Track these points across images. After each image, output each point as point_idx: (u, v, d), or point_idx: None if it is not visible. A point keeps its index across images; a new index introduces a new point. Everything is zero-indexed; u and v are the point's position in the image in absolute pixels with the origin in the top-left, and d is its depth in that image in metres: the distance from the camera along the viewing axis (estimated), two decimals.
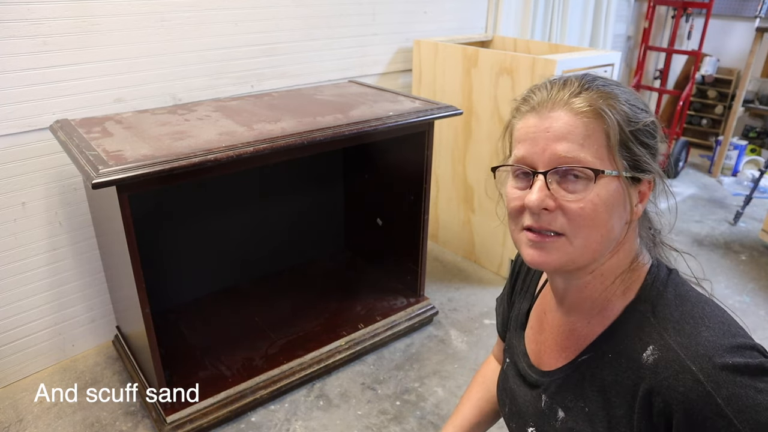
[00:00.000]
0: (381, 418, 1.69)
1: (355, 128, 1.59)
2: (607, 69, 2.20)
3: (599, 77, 0.69)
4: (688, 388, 0.61)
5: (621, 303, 0.71)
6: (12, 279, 1.72)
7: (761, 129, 3.92)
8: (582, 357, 0.74)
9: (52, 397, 1.75)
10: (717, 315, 0.66)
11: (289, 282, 2.23)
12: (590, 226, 0.65)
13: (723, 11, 3.88)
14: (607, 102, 0.65)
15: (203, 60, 1.91)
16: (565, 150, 0.64)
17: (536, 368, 0.82)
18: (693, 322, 0.65)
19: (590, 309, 0.74)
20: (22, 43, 1.53)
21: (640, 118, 0.67)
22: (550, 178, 0.65)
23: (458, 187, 2.51)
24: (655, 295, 0.69)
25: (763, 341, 0.66)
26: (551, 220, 0.66)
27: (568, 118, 0.65)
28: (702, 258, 2.64)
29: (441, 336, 2.07)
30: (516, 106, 0.72)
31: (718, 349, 0.61)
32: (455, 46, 2.31)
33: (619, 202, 0.66)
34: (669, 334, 0.65)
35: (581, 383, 0.73)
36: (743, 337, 0.64)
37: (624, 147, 0.65)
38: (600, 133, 0.65)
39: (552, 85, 0.69)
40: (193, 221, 1.99)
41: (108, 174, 1.21)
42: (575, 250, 0.67)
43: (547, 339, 0.82)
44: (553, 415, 0.77)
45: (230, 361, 1.77)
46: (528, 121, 0.68)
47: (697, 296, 0.69)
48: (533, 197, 0.65)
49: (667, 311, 0.67)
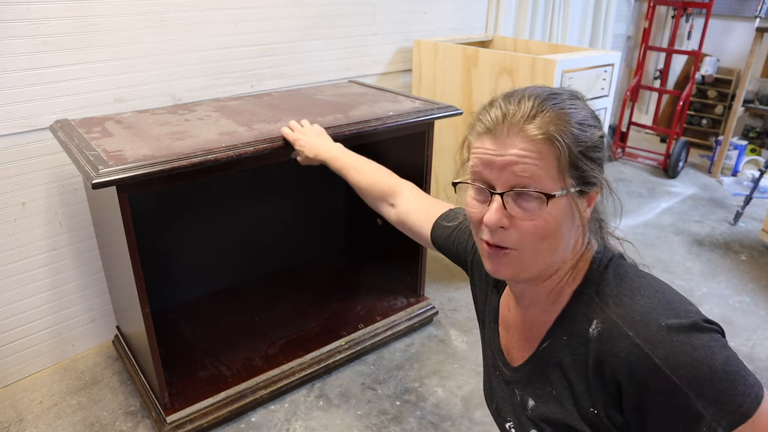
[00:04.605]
0: (381, 418, 1.69)
1: (355, 128, 1.59)
2: (607, 69, 2.21)
3: (553, 93, 0.72)
4: (628, 352, 0.66)
5: (571, 288, 0.77)
6: (12, 279, 1.72)
7: (761, 129, 3.92)
8: (542, 345, 0.80)
9: (52, 397, 1.75)
10: (653, 286, 0.71)
11: (289, 282, 2.23)
12: (542, 240, 0.71)
13: (723, 11, 3.88)
14: (558, 127, 0.69)
15: (203, 60, 1.91)
16: (519, 173, 0.69)
17: (509, 365, 0.87)
18: (630, 294, 0.71)
19: (545, 300, 0.79)
20: (21, 43, 1.53)
21: (589, 136, 0.71)
22: (507, 198, 0.71)
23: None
24: (598, 277, 0.75)
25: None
26: (505, 237, 0.72)
27: (523, 144, 0.69)
28: (702, 258, 2.64)
29: (441, 336, 2.07)
30: (471, 122, 0.76)
31: (652, 314, 0.67)
32: (455, 46, 2.31)
33: (569, 215, 0.72)
34: (609, 307, 0.71)
35: (545, 369, 0.79)
36: (678, 303, 0.69)
37: (573, 167, 0.70)
38: (552, 157, 0.69)
39: (507, 103, 0.72)
40: (193, 221, 1.99)
41: (108, 174, 1.21)
42: (527, 262, 0.73)
43: (512, 335, 0.88)
44: (525, 405, 0.83)
45: (230, 361, 1.77)
46: (485, 142, 0.72)
47: (636, 273, 0.75)
48: (491, 217, 0.71)
49: (608, 289, 0.73)
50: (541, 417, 0.80)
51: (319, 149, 1.40)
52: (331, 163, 1.37)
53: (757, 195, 3.20)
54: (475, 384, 1.83)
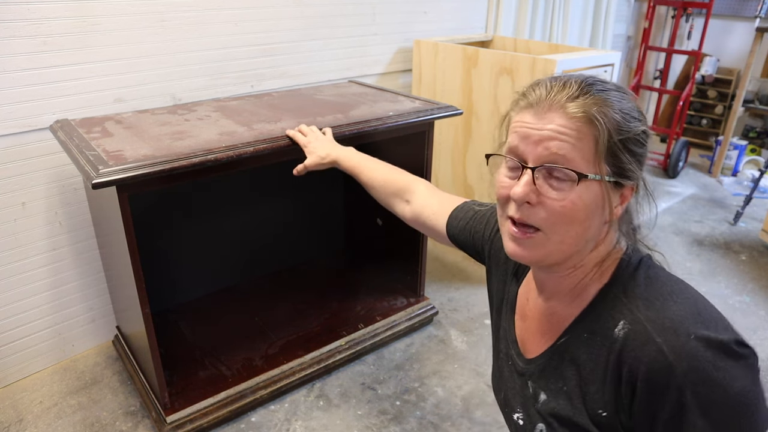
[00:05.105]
0: (381, 418, 1.69)
1: (355, 128, 1.59)
2: (607, 69, 2.20)
3: (599, 81, 0.71)
4: (652, 358, 0.64)
5: (596, 287, 0.75)
6: (12, 279, 1.72)
7: (761, 129, 3.92)
8: (561, 340, 0.79)
9: (52, 397, 1.75)
10: (685, 292, 0.70)
11: (289, 282, 2.23)
12: (567, 223, 0.69)
13: (723, 11, 3.88)
14: (600, 109, 0.68)
15: (203, 60, 1.91)
16: (554, 149, 0.68)
17: (523, 356, 0.86)
18: (662, 298, 0.69)
19: (568, 294, 0.78)
20: (21, 43, 1.53)
21: (631, 127, 0.69)
22: (537, 173, 0.69)
23: (458, 187, 2.51)
24: (627, 278, 0.73)
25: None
26: (531, 214, 0.70)
27: (562, 120, 0.68)
28: (702, 258, 2.64)
29: (441, 336, 2.07)
30: (515, 99, 0.75)
31: (684, 322, 0.65)
32: (455, 46, 2.31)
33: (599, 205, 0.70)
34: (639, 309, 0.69)
35: (560, 365, 0.78)
36: (710, 314, 0.67)
37: (611, 154, 0.69)
38: (590, 139, 0.68)
39: (552, 84, 0.71)
40: (193, 221, 1.99)
41: (108, 174, 1.21)
42: (551, 246, 0.71)
43: (530, 326, 0.86)
44: (536, 398, 0.82)
45: (230, 361, 1.77)
46: (524, 116, 0.71)
47: (667, 276, 0.73)
48: (518, 190, 0.69)
49: (637, 291, 0.71)
50: (550, 412, 0.79)
51: (332, 149, 1.41)
52: (343, 162, 1.37)
53: (757, 195, 3.20)
54: (475, 384, 1.83)
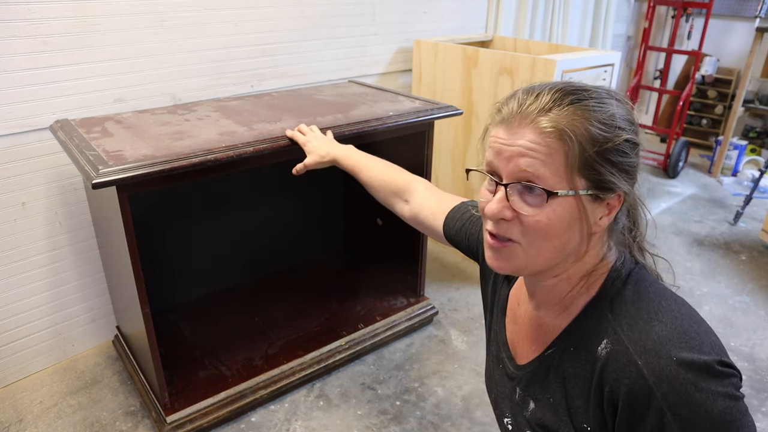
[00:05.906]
0: (381, 418, 1.69)
1: (355, 128, 1.59)
2: (607, 69, 2.21)
3: (578, 89, 0.70)
4: (632, 380, 0.64)
5: (584, 299, 0.75)
6: (12, 279, 1.72)
7: (761, 129, 3.92)
8: (548, 351, 0.79)
9: (52, 397, 1.75)
10: (673, 310, 0.68)
11: (289, 282, 2.23)
12: (544, 238, 0.69)
13: (723, 11, 3.88)
14: (572, 123, 0.66)
15: (203, 60, 1.91)
16: (524, 166, 0.67)
17: (514, 361, 0.86)
18: (647, 317, 0.68)
19: (557, 305, 0.78)
20: (21, 43, 1.53)
21: (610, 137, 0.67)
22: (511, 190, 0.69)
23: (458, 187, 2.51)
24: (615, 293, 0.72)
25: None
26: (508, 229, 0.71)
27: (532, 135, 0.67)
28: (702, 258, 2.64)
29: (441, 336, 2.07)
30: (492, 112, 0.75)
31: (666, 344, 0.64)
32: (455, 46, 2.31)
33: (576, 219, 0.69)
34: (622, 329, 0.68)
35: (547, 376, 0.78)
36: (695, 334, 0.66)
37: (586, 167, 0.67)
38: (560, 154, 0.67)
39: (525, 97, 0.70)
40: (193, 221, 1.99)
41: (108, 174, 1.21)
42: (528, 258, 0.71)
43: (520, 330, 0.87)
44: (525, 405, 0.82)
45: (230, 361, 1.77)
46: (498, 131, 0.71)
47: (657, 291, 0.72)
48: (492, 206, 0.70)
49: (623, 307, 0.70)
50: (538, 421, 0.79)
51: (332, 147, 1.41)
52: (343, 161, 1.36)
53: (757, 195, 3.20)
54: (475, 384, 1.83)
